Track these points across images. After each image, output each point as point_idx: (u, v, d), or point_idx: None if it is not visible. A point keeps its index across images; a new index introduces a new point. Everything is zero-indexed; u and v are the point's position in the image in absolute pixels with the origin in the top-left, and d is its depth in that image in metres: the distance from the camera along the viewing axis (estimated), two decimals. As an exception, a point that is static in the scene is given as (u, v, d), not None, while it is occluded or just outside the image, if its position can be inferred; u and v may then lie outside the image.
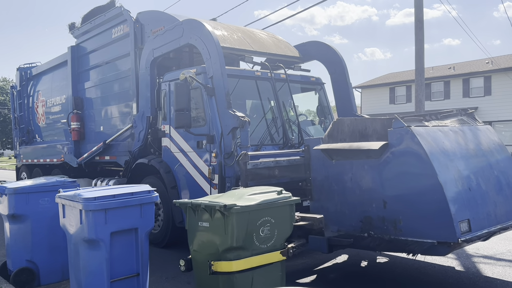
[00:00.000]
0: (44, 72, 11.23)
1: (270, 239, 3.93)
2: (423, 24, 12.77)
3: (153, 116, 7.30)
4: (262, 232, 3.86)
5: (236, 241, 3.70)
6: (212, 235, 3.84)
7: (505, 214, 4.78)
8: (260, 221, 3.84)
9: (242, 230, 3.71)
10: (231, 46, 6.79)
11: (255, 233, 3.82)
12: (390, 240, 4.56)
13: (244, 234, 3.73)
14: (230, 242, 3.70)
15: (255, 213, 3.80)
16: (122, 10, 8.17)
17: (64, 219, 4.63)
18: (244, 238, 3.74)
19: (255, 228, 3.81)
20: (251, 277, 3.80)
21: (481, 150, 4.95)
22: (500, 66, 26.92)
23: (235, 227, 3.68)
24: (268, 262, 3.90)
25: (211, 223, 3.83)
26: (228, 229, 3.69)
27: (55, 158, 10.33)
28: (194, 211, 4.03)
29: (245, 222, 3.72)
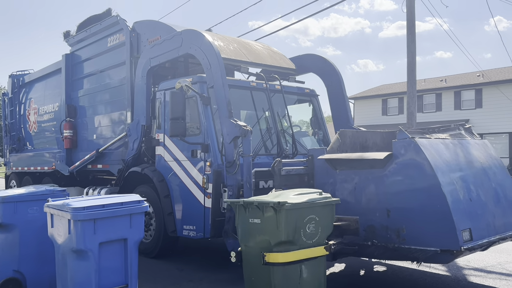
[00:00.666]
0: (37, 79, 11.15)
1: (315, 236, 4.24)
2: (415, 37, 12.92)
3: (147, 124, 7.26)
4: (308, 229, 4.21)
5: (287, 235, 4.05)
6: (264, 230, 4.16)
7: (503, 225, 4.89)
8: (306, 218, 4.19)
9: (292, 226, 4.07)
10: (227, 57, 6.79)
11: (303, 229, 4.16)
12: (394, 249, 4.64)
13: (293, 229, 4.08)
14: (281, 236, 4.05)
15: (303, 211, 4.16)
16: (119, 19, 8.16)
17: (53, 229, 4.56)
18: (293, 233, 4.09)
19: (303, 224, 4.15)
20: (299, 269, 4.15)
21: (480, 163, 5.07)
22: (491, 79, 27.27)
23: (286, 223, 4.04)
24: (313, 256, 4.23)
25: (263, 219, 4.17)
26: (280, 224, 4.04)
27: (46, 166, 10.21)
28: (245, 209, 4.33)
29: (294, 219, 4.09)
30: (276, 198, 4.24)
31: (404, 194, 4.56)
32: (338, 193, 5.09)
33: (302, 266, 4.19)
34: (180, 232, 6.48)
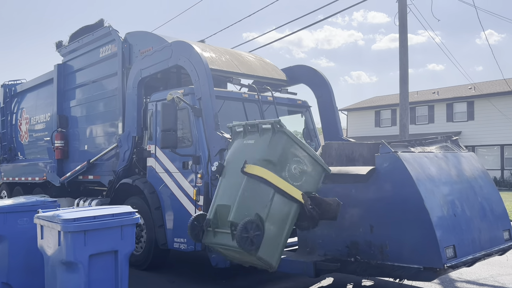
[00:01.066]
0: (29, 89, 11.12)
1: (298, 180, 4.34)
2: (408, 50, 13.06)
3: (139, 136, 7.25)
4: (293, 169, 4.32)
5: (275, 156, 4.25)
6: (255, 148, 4.39)
7: (489, 240, 4.82)
8: (296, 158, 4.35)
9: (281, 151, 4.28)
10: (219, 68, 6.83)
11: (289, 163, 4.30)
12: (376, 265, 4.55)
13: (282, 155, 4.28)
14: (270, 155, 4.24)
15: (296, 147, 4.39)
16: (111, 30, 8.18)
17: (42, 240, 4.52)
18: (280, 159, 4.26)
19: (290, 158, 4.33)
20: (272, 195, 4.19)
21: (465, 176, 5.02)
22: (483, 92, 27.55)
23: (277, 142, 4.30)
24: (289, 192, 4.26)
25: (257, 139, 4.43)
26: (272, 142, 4.27)
27: (37, 177, 10.14)
28: (244, 132, 4.64)
29: (286, 145, 4.32)
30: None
31: (387, 209, 4.50)
32: None
33: (276, 194, 4.19)
34: (171, 245, 6.44)
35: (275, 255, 4.26)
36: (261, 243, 4.07)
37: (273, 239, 4.18)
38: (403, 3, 12.94)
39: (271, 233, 4.16)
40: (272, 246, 4.18)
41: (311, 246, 5.16)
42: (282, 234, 4.27)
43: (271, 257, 4.21)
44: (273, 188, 4.18)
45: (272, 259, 4.23)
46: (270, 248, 4.17)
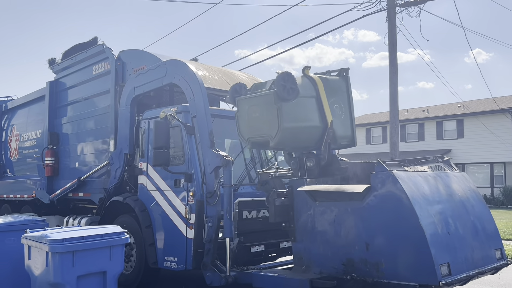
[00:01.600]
0: (20, 106, 11.05)
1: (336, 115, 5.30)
2: (397, 69, 13.26)
3: (130, 153, 7.21)
4: (335, 108, 5.18)
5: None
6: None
7: (481, 259, 4.86)
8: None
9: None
10: (213, 87, 6.86)
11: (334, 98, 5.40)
12: (373, 283, 4.56)
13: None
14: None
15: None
16: (104, 48, 8.21)
17: (30, 261, 4.45)
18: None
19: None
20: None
21: (458, 195, 5.08)
22: (472, 110, 27.94)
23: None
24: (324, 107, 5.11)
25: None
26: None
27: (26, 194, 10.00)
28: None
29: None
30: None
31: (382, 227, 4.54)
32: (317, 224, 5.06)
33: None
34: (162, 264, 6.35)
35: (287, 124, 4.86)
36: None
37: (293, 114, 4.86)
38: (392, 23, 13.19)
39: (293, 109, 4.85)
40: (291, 116, 4.86)
41: (306, 264, 5.14)
42: (297, 121, 4.91)
43: (286, 120, 4.80)
44: (316, 93, 4.84)
45: (284, 122, 4.81)
46: (290, 115, 4.83)
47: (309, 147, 5.17)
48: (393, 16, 13.19)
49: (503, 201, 25.62)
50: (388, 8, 13.20)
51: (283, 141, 4.96)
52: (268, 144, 5.13)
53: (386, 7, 13.22)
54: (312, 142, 5.04)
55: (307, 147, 5.18)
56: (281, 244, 6.63)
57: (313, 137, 5.00)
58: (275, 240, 6.51)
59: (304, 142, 5.00)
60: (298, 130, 4.93)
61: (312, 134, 4.99)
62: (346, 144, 5.46)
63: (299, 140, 4.97)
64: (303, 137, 5.00)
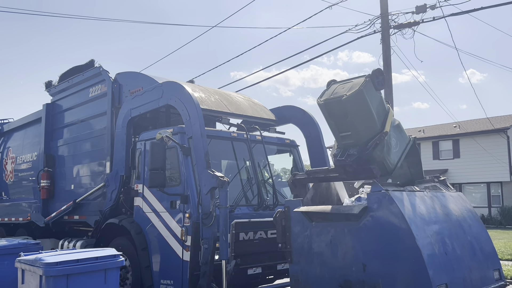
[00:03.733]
0: (16, 128, 11.06)
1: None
2: (392, 89, 13.38)
3: (126, 175, 7.19)
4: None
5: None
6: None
7: (479, 280, 4.81)
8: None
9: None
10: (209, 108, 6.90)
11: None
12: None
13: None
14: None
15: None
16: (101, 70, 8.27)
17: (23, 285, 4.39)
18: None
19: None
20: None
21: (454, 215, 5.07)
22: (467, 130, 28.11)
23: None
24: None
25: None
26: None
27: (20, 217, 9.91)
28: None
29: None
30: None
31: (379, 248, 4.51)
32: (314, 245, 5.03)
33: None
34: (157, 287, 6.26)
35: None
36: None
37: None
38: (386, 45, 13.37)
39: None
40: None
41: (303, 286, 5.09)
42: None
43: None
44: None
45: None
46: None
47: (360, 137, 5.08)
48: (387, 38, 13.39)
49: (500, 221, 25.53)
50: (382, 30, 13.41)
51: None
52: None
53: (380, 29, 13.43)
54: (367, 133, 5.02)
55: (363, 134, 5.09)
56: (278, 266, 6.57)
57: (370, 130, 4.99)
58: (272, 262, 6.45)
59: (365, 126, 5.02)
60: (371, 116, 5.00)
61: (371, 127, 4.99)
62: (384, 169, 5.25)
63: (364, 123, 5.00)
64: (367, 123, 5.01)
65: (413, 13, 13.27)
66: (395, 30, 13.55)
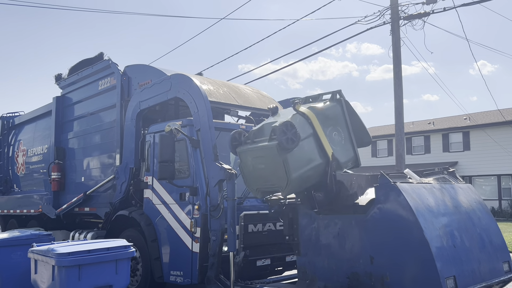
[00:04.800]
0: (27, 121, 11.17)
1: (334, 144, 5.12)
2: (402, 81, 13.28)
3: (136, 167, 7.25)
4: (333, 135, 5.08)
5: (328, 111, 5.19)
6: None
7: (488, 272, 4.78)
8: (336, 128, 5.20)
9: (334, 114, 5.20)
10: (217, 100, 6.91)
11: (331, 127, 5.16)
12: None
13: (333, 115, 5.20)
14: (325, 109, 5.18)
15: (343, 125, 5.33)
16: (110, 63, 8.31)
17: (36, 275, 4.46)
18: (331, 116, 5.19)
19: (333, 126, 5.21)
20: (310, 133, 4.93)
21: (463, 207, 5.03)
22: (478, 123, 27.82)
23: (335, 108, 5.18)
24: (323, 143, 4.96)
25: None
26: (330, 107, 5.13)
27: (32, 209, 10.04)
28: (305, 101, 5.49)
29: (340, 112, 5.23)
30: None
31: (387, 240, 4.50)
32: (322, 237, 5.03)
33: (311, 137, 4.91)
34: (167, 278, 6.33)
35: (294, 174, 4.68)
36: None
37: (297, 161, 4.71)
38: (396, 36, 13.25)
39: (296, 156, 4.69)
40: (296, 163, 4.70)
41: (311, 278, 5.10)
42: (302, 167, 4.74)
43: (292, 170, 4.65)
44: (312, 130, 4.69)
45: (291, 173, 4.66)
46: (295, 164, 4.68)
47: (316, 183, 4.99)
48: (397, 29, 13.26)
49: (511, 213, 25.33)
50: (392, 21, 13.28)
51: (294, 189, 4.92)
52: (278, 191, 5.09)
53: (390, 20, 13.31)
54: (318, 177, 4.90)
55: (315, 183, 4.99)
56: (287, 257, 6.60)
57: (318, 174, 4.87)
58: (281, 253, 6.48)
59: (312, 181, 4.86)
60: (305, 173, 4.79)
61: (317, 172, 4.86)
62: (351, 167, 5.46)
63: (308, 181, 4.84)
64: (311, 178, 4.86)
65: (423, 4, 13.13)
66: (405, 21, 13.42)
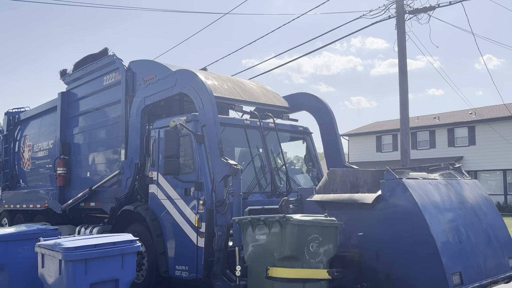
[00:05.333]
0: (32, 117, 11.22)
1: (317, 255, 4.40)
2: (407, 76, 13.21)
3: (141, 162, 7.27)
4: (311, 247, 4.37)
5: (291, 250, 4.27)
6: (269, 246, 4.40)
7: (494, 268, 4.77)
8: (310, 237, 4.36)
9: (296, 241, 4.29)
10: (222, 96, 6.91)
11: (306, 246, 4.33)
12: None
13: (297, 245, 4.29)
14: (285, 251, 4.28)
15: (307, 228, 4.37)
16: (115, 58, 8.31)
17: (43, 269, 4.49)
18: (297, 249, 4.28)
19: (306, 242, 4.34)
20: (302, 285, 4.30)
21: (469, 203, 5.01)
22: (483, 117, 27.65)
23: (290, 237, 4.28)
24: (316, 277, 4.37)
25: (268, 235, 4.42)
26: (285, 238, 4.26)
27: (38, 204, 10.10)
28: (252, 226, 4.60)
29: (299, 235, 4.31)
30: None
31: (392, 236, 4.50)
32: None
33: (305, 285, 4.31)
34: (173, 272, 6.36)
35: None
36: None
37: None
38: (401, 30, 13.17)
39: None
40: None
41: None
42: None
43: None
44: (301, 282, 4.38)
45: None
46: None
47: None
48: (402, 23, 13.18)
49: (517, 208, 25.24)
50: (397, 15, 13.19)
51: None
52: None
53: (395, 14, 13.22)
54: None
55: None
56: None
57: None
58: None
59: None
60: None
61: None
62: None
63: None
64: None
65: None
66: (410, 15, 13.33)
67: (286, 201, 5.47)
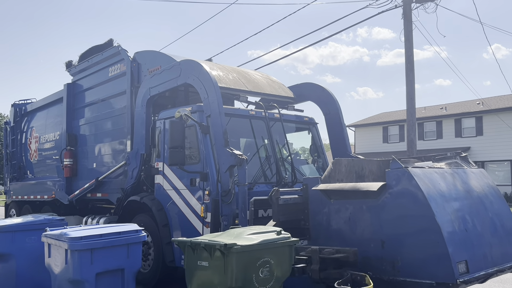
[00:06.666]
0: (39, 108, 11.28)
1: (269, 281, 3.87)
2: (414, 66, 13.09)
3: (147, 153, 7.29)
4: (261, 273, 3.81)
5: (236, 281, 3.64)
6: (212, 274, 3.78)
7: (500, 256, 4.77)
8: (259, 262, 3.81)
9: (242, 271, 3.68)
10: (227, 86, 6.89)
11: (255, 274, 3.78)
12: (388, 281, 4.52)
13: (243, 274, 3.69)
14: (229, 283, 3.64)
15: (255, 253, 3.78)
16: (120, 49, 8.31)
17: (50, 259, 4.54)
18: (243, 279, 3.69)
19: (255, 268, 3.78)
20: None
21: (476, 192, 4.99)
22: (491, 107, 27.41)
23: (234, 267, 3.63)
24: None
25: (211, 262, 3.78)
26: (228, 269, 3.63)
27: (46, 195, 10.19)
28: (193, 250, 3.94)
29: (245, 262, 3.70)
30: (226, 239, 3.82)
31: (398, 225, 4.49)
32: (333, 222, 5.04)
33: None
34: (179, 262, 6.41)
35: None
36: None
37: None
38: (408, 20, 13.03)
39: None
40: None
41: None
42: None
43: None
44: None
45: None
46: None
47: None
48: (409, 13, 13.03)
49: (524, 199, 25.11)
50: (404, 5, 13.05)
51: None
52: None
53: (402, 4, 13.07)
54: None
55: None
56: (297, 243, 6.62)
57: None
58: (291, 238, 6.50)
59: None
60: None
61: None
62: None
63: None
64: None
65: (436, -14, 12.86)
66: (417, 4, 13.18)
67: (276, 191, 5.32)
